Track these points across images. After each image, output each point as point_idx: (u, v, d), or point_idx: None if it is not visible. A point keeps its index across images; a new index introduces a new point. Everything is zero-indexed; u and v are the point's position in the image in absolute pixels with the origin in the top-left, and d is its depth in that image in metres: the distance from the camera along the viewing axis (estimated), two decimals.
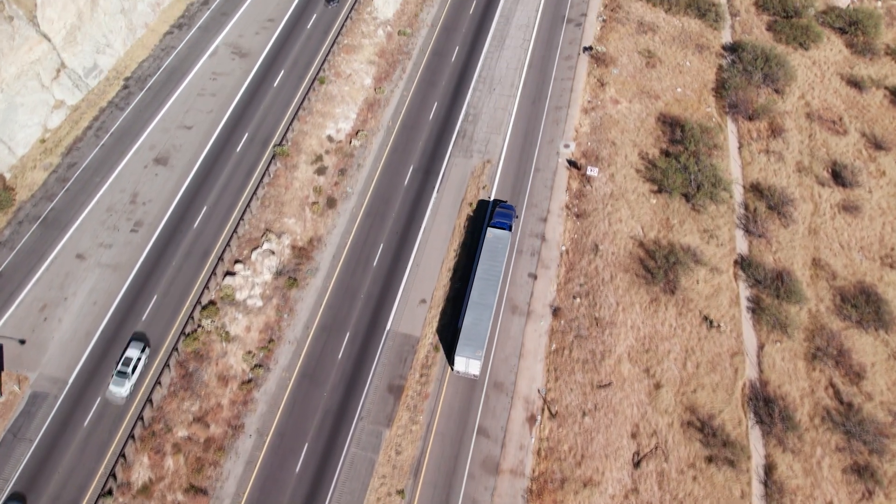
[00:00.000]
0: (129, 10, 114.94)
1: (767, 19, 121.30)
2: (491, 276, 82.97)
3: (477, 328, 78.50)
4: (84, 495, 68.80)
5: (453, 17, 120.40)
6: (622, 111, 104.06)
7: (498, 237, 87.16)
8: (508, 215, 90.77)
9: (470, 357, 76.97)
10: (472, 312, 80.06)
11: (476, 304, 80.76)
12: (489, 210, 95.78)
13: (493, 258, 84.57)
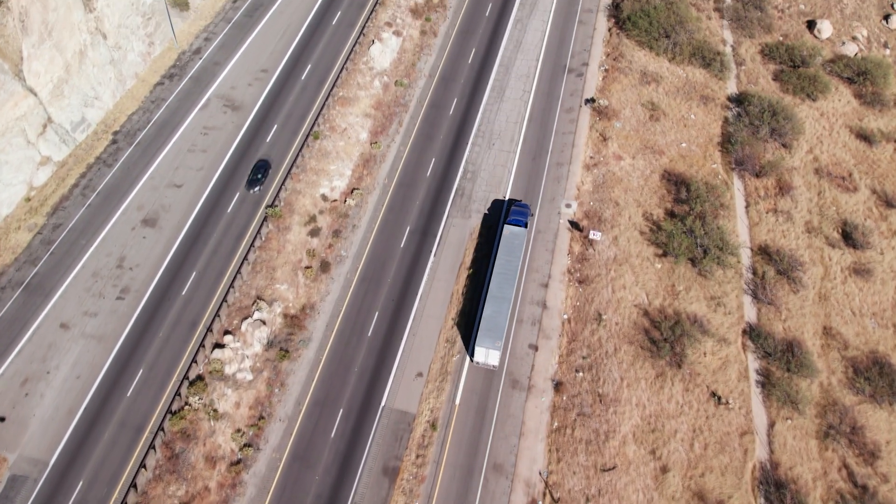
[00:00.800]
0: (119, 60, 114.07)
1: (774, 68, 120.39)
2: (508, 271, 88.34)
3: (496, 319, 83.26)
4: None
5: (452, 66, 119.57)
6: (625, 168, 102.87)
7: (514, 234, 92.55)
8: (524, 213, 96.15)
9: (489, 347, 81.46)
10: (491, 305, 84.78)
11: (494, 296, 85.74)
12: (504, 208, 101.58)
13: (510, 253, 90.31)
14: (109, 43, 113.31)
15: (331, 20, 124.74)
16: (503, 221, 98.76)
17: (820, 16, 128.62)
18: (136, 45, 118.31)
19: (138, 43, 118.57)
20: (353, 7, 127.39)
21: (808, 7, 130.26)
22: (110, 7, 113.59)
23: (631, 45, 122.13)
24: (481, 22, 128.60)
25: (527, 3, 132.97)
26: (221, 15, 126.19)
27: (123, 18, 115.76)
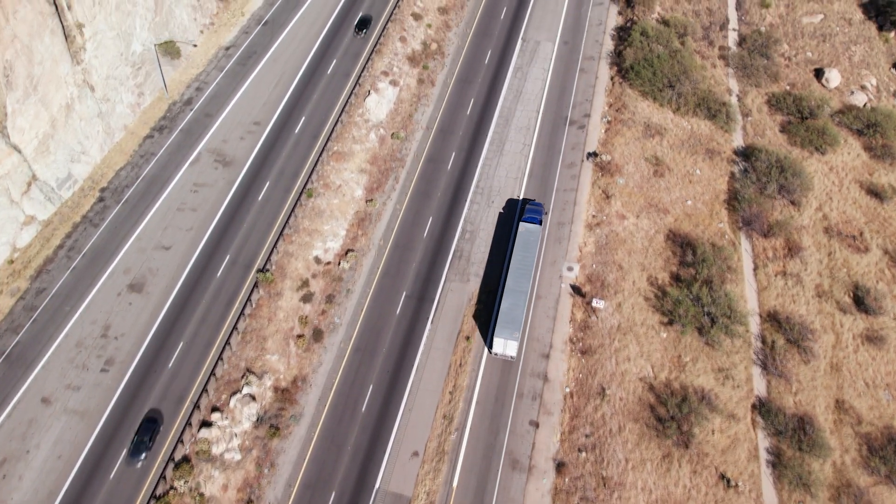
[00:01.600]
0: (107, 113, 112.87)
1: (781, 119, 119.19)
2: (524, 266, 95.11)
3: (513, 312, 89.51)
4: None
5: (450, 117, 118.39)
6: (629, 228, 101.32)
7: (530, 230, 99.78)
8: (538, 211, 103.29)
9: (508, 338, 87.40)
10: (509, 298, 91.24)
11: (512, 290, 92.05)
12: (519, 207, 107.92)
13: (526, 249, 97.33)
14: (97, 95, 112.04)
15: (326, 69, 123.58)
16: (518, 219, 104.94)
17: (828, 64, 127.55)
18: (125, 97, 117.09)
19: (127, 94, 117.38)
20: (349, 56, 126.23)
21: (815, 55, 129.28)
22: (98, 58, 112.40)
23: (634, 95, 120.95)
24: (480, 70, 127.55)
25: (527, 50, 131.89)
26: (214, 63, 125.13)
27: (112, 69, 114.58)
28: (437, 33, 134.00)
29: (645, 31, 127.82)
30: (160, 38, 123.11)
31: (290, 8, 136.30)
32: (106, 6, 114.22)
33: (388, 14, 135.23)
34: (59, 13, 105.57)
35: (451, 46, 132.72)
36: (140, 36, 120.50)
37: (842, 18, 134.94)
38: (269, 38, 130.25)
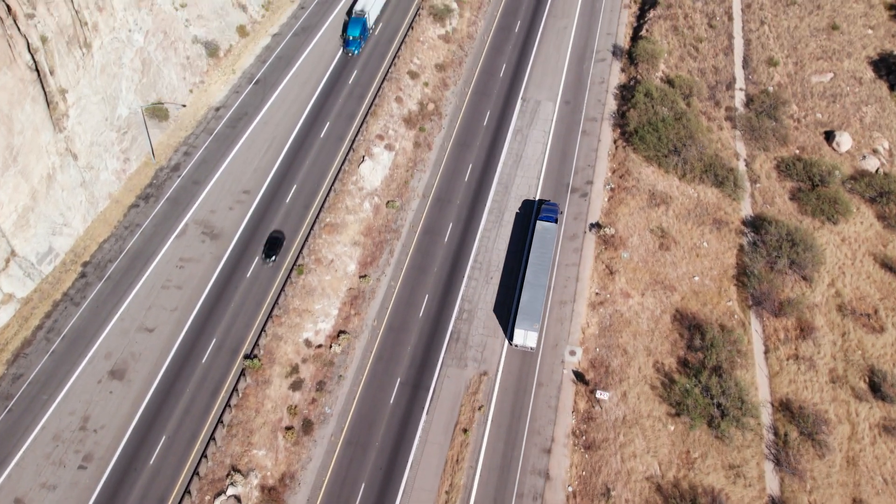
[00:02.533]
0: (91, 181, 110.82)
1: (791, 186, 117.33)
2: (542, 262, 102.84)
3: (533, 304, 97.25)
4: None
5: (447, 185, 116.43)
6: (634, 308, 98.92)
7: (546, 228, 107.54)
8: (554, 211, 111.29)
9: (528, 329, 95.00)
10: (528, 291, 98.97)
11: (531, 284, 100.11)
12: (535, 208, 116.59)
13: (543, 246, 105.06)
14: (81, 163, 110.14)
15: (319, 132, 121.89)
16: (535, 218, 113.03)
17: (838, 126, 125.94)
18: (110, 163, 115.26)
19: (112, 160, 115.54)
20: (343, 118, 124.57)
21: (825, 116, 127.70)
22: (82, 125, 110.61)
23: (638, 160, 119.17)
24: (479, 132, 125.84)
25: (527, 110, 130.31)
26: (203, 125, 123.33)
27: (96, 136, 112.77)
28: (434, 92, 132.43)
29: (649, 91, 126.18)
30: (148, 101, 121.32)
31: (283, 66, 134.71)
32: (90, 70, 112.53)
33: (384, 73, 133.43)
34: (41, 79, 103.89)
35: (448, 106, 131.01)
36: (126, 99, 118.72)
37: (852, 77, 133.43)
38: (261, 99, 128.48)
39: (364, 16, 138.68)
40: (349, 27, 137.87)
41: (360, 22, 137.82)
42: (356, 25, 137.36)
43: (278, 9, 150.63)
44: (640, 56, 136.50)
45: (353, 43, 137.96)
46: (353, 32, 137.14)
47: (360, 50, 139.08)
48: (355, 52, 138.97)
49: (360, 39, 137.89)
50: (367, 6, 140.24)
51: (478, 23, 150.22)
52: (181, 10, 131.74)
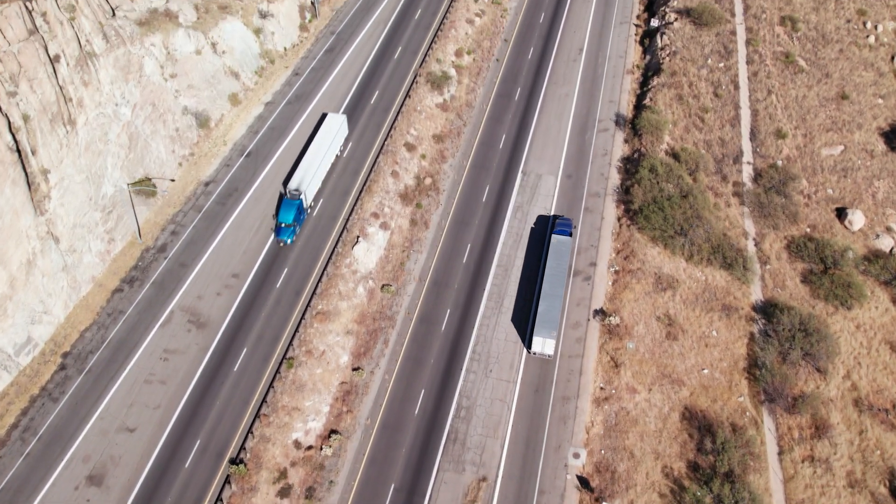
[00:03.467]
0: (74, 265, 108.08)
1: (802, 268, 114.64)
2: (558, 273, 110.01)
3: (550, 314, 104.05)
4: None
5: (444, 267, 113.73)
6: (641, 405, 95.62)
7: (561, 241, 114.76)
8: (568, 224, 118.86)
9: (546, 337, 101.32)
10: (545, 301, 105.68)
11: (548, 294, 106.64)
12: (550, 222, 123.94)
13: (559, 258, 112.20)
14: (63, 247, 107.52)
15: (311, 211, 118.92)
16: (550, 232, 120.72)
17: (850, 202, 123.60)
18: (94, 245, 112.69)
19: (96, 242, 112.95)
20: (337, 195, 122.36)
21: (836, 192, 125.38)
22: (65, 206, 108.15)
23: (643, 240, 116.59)
24: (478, 209, 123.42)
25: (528, 185, 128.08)
26: (192, 202, 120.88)
27: (80, 217, 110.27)
28: (431, 165, 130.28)
29: (654, 167, 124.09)
30: (134, 177, 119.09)
31: (276, 137, 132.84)
32: (74, 148, 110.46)
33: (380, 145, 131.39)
34: (21, 160, 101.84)
35: (446, 181, 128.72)
36: (112, 176, 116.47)
37: (863, 150, 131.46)
38: (252, 173, 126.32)
39: (300, 196, 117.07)
40: (281, 210, 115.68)
41: (294, 205, 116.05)
42: (289, 209, 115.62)
43: (272, 75, 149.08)
44: (643, 127, 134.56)
45: (285, 231, 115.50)
46: (286, 218, 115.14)
47: (293, 239, 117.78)
48: (288, 242, 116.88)
49: (294, 226, 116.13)
50: (303, 183, 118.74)
51: (477, 90, 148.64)
52: (171, 81, 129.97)
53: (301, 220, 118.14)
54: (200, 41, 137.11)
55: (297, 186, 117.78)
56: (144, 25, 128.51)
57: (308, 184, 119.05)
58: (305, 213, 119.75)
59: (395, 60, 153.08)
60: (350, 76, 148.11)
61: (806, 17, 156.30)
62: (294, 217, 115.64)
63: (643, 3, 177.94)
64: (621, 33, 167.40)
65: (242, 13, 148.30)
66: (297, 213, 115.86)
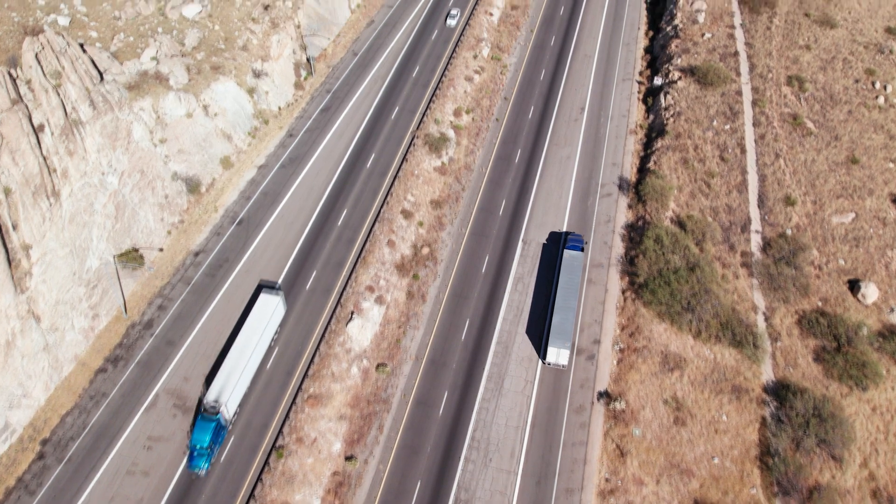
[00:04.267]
0: (55, 344, 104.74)
1: (814, 345, 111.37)
2: (571, 287, 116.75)
3: (564, 325, 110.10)
4: None
5: (442, 345, 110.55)
6: (648, 498, 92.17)
7: (573, 256, 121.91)
8: (580, 240, 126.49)
9: (560, 348, 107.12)
10: (559, 314, 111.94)
11: (561, 307, 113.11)
12: (562, 239, 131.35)
13: (571, 273, 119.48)
14: (44, 325, 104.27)
15: (304, 283, 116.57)
16: (562, 247, 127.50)
17: (863, 274, 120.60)
18: (78, 322, 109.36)
19: (80, 318, 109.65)
20: (331, 266, 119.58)
21: (848, 262, 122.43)
22: (47, 283, 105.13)
23: (649, 315, 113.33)
24: (477, 280, 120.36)
25: (528, 254, 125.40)
26: (180, 273, 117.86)
27: (63, 293, 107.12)
28: (429, 233, 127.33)
29: (659, 237, 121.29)
30: (121, 248, 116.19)
31: (268, 204, 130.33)
32: (58, 221, 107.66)
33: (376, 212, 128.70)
34: (2, 235, 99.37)
35: (444, 250, 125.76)
36: (97, 249, 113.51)
37: (875, 217, 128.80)
38: (243, 243, 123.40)
39: (218, 413, 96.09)
40: (195, 431, 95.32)
41: (210, 426, 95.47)
42: (205, 430, 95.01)
43: (266, 136, 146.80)
44: (648, 194, 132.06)
45: (199, 458, 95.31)
46: (201, 440, 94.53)
47: (209, 466, 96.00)
48: (203, 471, 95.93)
49: (209, 451, 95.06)
50: (224, 393, 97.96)
51: (476, 152, 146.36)
52: (160, 146, 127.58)
53: (220, 441, 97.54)
54: (192, 104, 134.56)
55: (217, 399, 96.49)
56: (133, 90, 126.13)
57: (231, 393, 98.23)
58: (227, 429, 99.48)
59: (392, 121, 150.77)
60: (346, 137, 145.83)
61: (813, 76, 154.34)
62: (211, 439, 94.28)
63: (646, 59, 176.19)
64: (624, 91, 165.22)
65: (236, 73, 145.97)
66: (214, 433, 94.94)
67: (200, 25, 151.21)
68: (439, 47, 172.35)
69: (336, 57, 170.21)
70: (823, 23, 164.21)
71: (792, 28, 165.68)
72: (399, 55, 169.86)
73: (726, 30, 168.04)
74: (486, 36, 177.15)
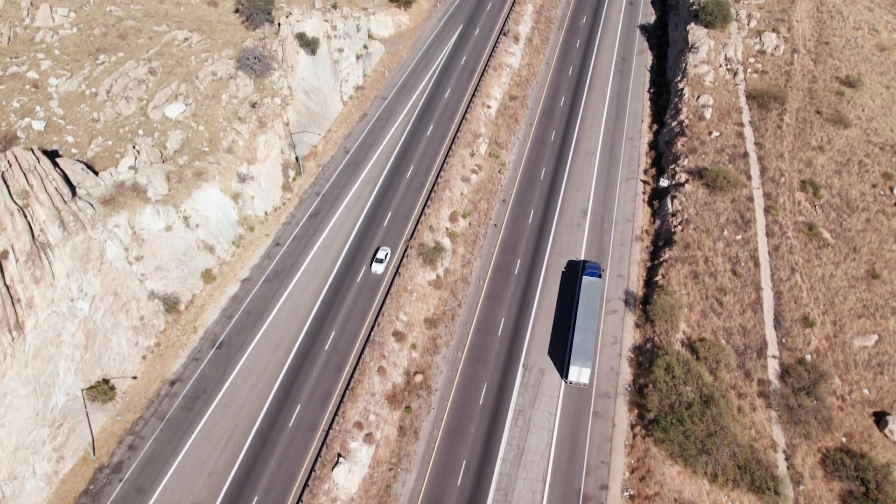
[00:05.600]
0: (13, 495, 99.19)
1: (840, 489, 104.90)
2: (590, 310, 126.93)
3: (585, 345, 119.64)
4: None
5: (437, 492, 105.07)
6: None
7: (592, 282, 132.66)
8: (598, 268, 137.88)
9: (581, 367, 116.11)
10: (580, 334, 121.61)
11: (581, 328, 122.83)
12: (581, 267, 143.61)
13: (590, 297, 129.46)
14: (2, 475, 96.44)
15: (287, 420, 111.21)
16: (581, 274, 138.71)
17: (889, 405, 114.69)
18: (40, 467, 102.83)
19: (42, 463, 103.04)
20: (317, 398, 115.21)
21: (872, 392, 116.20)
22: (6, 427, 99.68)
23: (661, 456, 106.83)
24: (474, 413, 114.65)
25: (529, 382, 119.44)
26: (154, 405, 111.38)
27: (24, 437, 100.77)
28: (422, 357, 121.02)
29: (669, 365, 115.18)
30: (90, 380, 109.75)
31: (252, 324, 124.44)
32: (21, 357, 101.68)
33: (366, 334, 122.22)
34: None
35: (439, 377, 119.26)
36: (64, 383, 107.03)
37: None
38: (224, 370, 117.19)
39: None
40: None
41: None
42: None
43: (251, 245, 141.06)
44: (656, 313, 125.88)
45: None
46: None
47: None
48: None
49: None
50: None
51: (473, 262, 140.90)
52: (136, 264, 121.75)
53: None
54: (171, 216, 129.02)
55: None
56: (108, 204, 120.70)
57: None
58: None
59: (384, 228, 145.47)
60: (335, 248, 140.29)
61: (828, 180, 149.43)
62: None
63: (650, 156, 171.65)
64: (628, 191, 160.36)
65: (220, 178, 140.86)
66: None
67: (184, 126, 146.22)
68: (435, 144, 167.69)
69: (327, 155, 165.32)
70: (836, 121, 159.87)
71: (804, 127, 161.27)
72: (393, 153, 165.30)
73: (735, 127, 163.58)
74: (483, 130, 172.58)
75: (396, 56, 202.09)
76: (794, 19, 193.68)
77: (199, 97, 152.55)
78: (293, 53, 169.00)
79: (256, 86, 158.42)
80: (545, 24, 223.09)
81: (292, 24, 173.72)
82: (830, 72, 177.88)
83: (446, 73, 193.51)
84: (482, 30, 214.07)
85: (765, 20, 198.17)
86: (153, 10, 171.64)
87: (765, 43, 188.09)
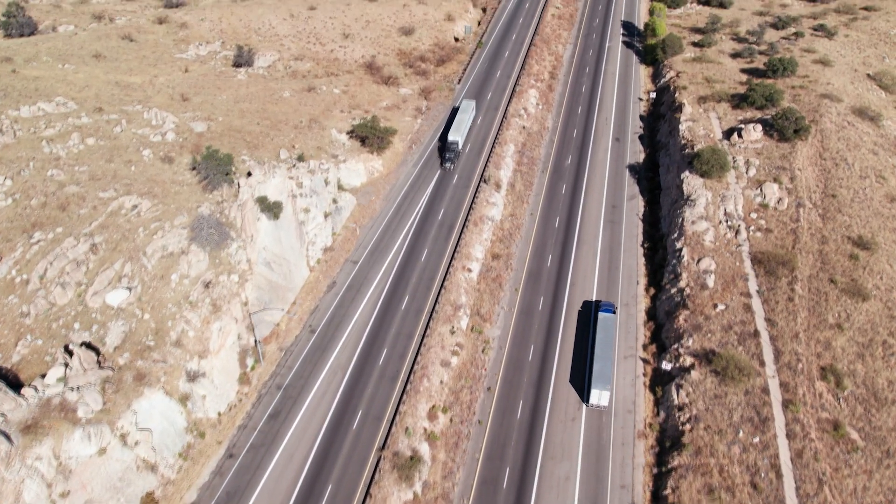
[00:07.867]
0: None
1: None
2: (607, 341, 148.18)
3: (604, 371, 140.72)
4: None
5: None
6: None
7: (607, 318, 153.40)
8: (612, 305, 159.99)
9: (602, 390, 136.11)
10: (598, 362, 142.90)
11: (600, 356, 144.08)
12: (594, 305, 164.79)
13: (606, 331, 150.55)
14: None
15: None
16: (596, 311, 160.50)
17: None
18: None
19: None
20: None
21: None
22: None
23: None
24: None
25: None
26: None
27: None
28: None
29: None
30: None
31: None
32: None
33: None
34: None
35: None
36: None
37: None
38: None
39: None
40: None
41: None
42: None
43: (200, 456, 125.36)
44: None
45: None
46: None
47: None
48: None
49: None
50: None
51: (455, 472, 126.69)
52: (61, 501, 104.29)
53: None
54: (105, 437, 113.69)
55: None
56: (30, 432, 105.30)
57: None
58: None
59: (353, 433, 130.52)
60: (296, 462, 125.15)
61: (851, 367, 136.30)
62: None
63: (649, 328, 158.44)
64: (627, 373, 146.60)
65: (166, 380, 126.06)
66: None
67: (127, 315, 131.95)
68: (410, 321, 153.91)
69: (290, 335, 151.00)
70: (853, 293, 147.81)
71: (818, 299, 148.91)
72: (364, 333, 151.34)
73: (742, 299, 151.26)
74: (464, 300, 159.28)
75: (369, 209, 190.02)
76: (797, 167, 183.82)
77: (145, 278, 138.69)
78: (253, 221, 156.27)
79: (212, 260, 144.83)
80: (528, 167, 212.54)
81: (253, 185, 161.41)
82: (841, 230, 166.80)
83: (423, 229, 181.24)
84: (461, 176, 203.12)
85: (764, 168, 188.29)
86: (100, 172, 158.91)
87: (766, 195, 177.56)
